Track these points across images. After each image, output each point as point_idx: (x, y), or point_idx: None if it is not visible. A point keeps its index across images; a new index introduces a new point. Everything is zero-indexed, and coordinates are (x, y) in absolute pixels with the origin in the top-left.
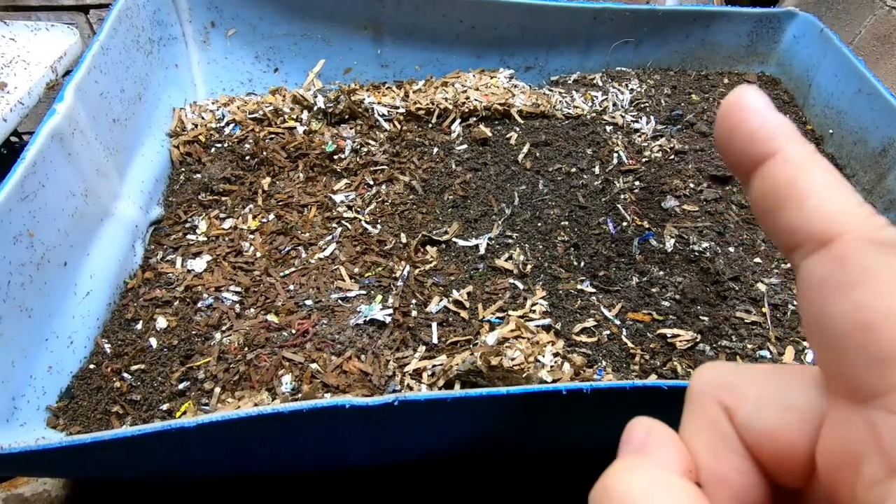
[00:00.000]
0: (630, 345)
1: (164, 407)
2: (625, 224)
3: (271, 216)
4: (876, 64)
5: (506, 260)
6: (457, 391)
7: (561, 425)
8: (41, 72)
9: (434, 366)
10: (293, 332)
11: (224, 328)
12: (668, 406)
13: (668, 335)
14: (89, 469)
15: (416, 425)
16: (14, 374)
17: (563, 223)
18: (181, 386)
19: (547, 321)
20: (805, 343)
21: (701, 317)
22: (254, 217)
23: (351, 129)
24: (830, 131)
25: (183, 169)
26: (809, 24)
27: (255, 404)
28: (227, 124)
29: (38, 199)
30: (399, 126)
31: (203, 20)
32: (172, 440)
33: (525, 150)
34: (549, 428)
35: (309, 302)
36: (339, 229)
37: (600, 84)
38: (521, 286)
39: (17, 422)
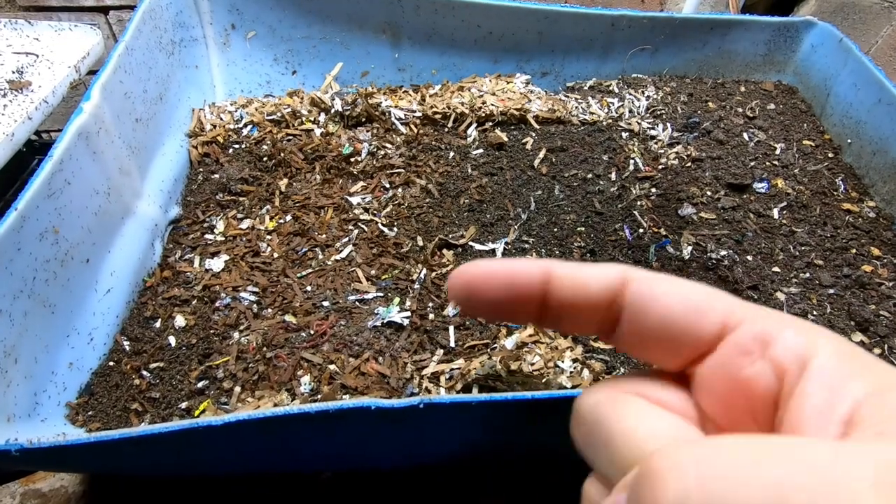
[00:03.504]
0: None
1: (183, 405)
2: (641, 231)
3: (288, 217)
4: (894, 74)
5: None
6: (483, 395)
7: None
8: (65, 71)
9: (452, 369)
10: (311, 332)
11: (242, 328)
12: None
13: None
14: (110, 465)
15: (439, 428)
16: (36, 369)
17: (579, 229)
18: (200, 384)
19: None
20: None
21: None
22: (271, 218)
23: (367, 131)
24: (849, 141)
25: (201, 169)
26: (828, 33)
27: (275, 404)
28: (246, 125)
29: (63, 197)
30: (415, 130)
31: (224, 22)
32: (198, 438)
33: (541, 155)
34: (565, 435)
35: (326, 303)
36: (356, 231)
37: (616, 91)
38: None
39: (39, 417)
